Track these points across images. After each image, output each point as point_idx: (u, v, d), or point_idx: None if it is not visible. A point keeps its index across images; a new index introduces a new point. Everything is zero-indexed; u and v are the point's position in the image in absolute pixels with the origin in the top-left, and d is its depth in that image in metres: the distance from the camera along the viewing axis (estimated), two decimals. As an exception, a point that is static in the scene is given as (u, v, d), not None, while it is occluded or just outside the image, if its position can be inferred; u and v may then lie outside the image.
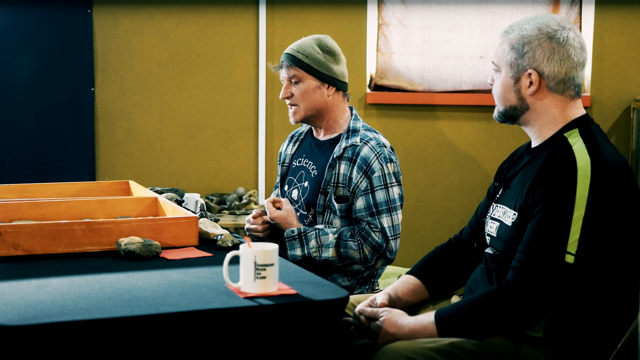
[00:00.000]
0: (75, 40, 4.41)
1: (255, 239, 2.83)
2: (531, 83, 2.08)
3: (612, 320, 2.02)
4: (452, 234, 2.53)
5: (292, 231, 2.72)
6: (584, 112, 2.12)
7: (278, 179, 3.01)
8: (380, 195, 2.69)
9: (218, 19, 4.49)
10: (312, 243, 2.69)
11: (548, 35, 2.06)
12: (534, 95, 2.09)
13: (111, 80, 4.49)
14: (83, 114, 4.45)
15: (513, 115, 2.14)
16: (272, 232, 2.84)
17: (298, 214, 2.83)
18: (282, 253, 2.74)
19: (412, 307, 2.31)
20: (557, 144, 2.06)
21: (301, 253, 2.70)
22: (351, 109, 2.87)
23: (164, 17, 4.48)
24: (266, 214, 2.81)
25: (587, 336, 2.01)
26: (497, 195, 2.21)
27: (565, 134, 2.07)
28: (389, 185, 2.71)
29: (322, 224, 2.77)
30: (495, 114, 2.18)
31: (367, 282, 2.80)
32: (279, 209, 2.78)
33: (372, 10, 4.52)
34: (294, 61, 2.78)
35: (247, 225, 2.86)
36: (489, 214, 2.22)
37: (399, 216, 2.72)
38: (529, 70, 2.07)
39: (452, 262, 2.34)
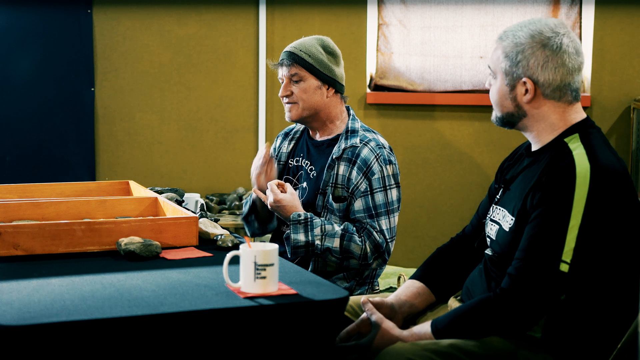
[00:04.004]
0: (75, 40, 4.41)
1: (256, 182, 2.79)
2: (527, 91, 2.06)
3: (612, 321, 2.02)
4: (451, 234, 2.52)
5: (299, 215, 2.64)
6: (584, 115, 2.11)
7: None
8: (379, 197, 2.68)
9: (218, 19, 4.49)
10: (317, 230, 2.64)
11: (541, 43, 2.04)
12: (531, 103, 2.07)
13: (111, 80, 4.49)
14: (83, 114, 4.45)
15: (511, 122, 2.13)
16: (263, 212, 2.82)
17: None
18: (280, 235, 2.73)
19: (420, 313, 2.31)
20: (558, 149, 2.05)
21: (304, 239, 2.63)
22: (348, 109, 2.85)
23: (164, 17, 4.48)
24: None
25: (586, 336, 2.01)
26: (497, 197, 2.21)
27: (565, 139, 2.06)
28: (387, 187, 2.70)
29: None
30: (494, 118, 2.16)
31: (367, 282, 2.79)
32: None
33: (372, 10, 4.52)
34: (297, 60, 2.74)
35: (256, 169, 2.78)
36: (489, 215, 2.22)
37: (395, 219, 2.71)
38: (524, 79, 2.05)
39: (455, 261, 2.34)
